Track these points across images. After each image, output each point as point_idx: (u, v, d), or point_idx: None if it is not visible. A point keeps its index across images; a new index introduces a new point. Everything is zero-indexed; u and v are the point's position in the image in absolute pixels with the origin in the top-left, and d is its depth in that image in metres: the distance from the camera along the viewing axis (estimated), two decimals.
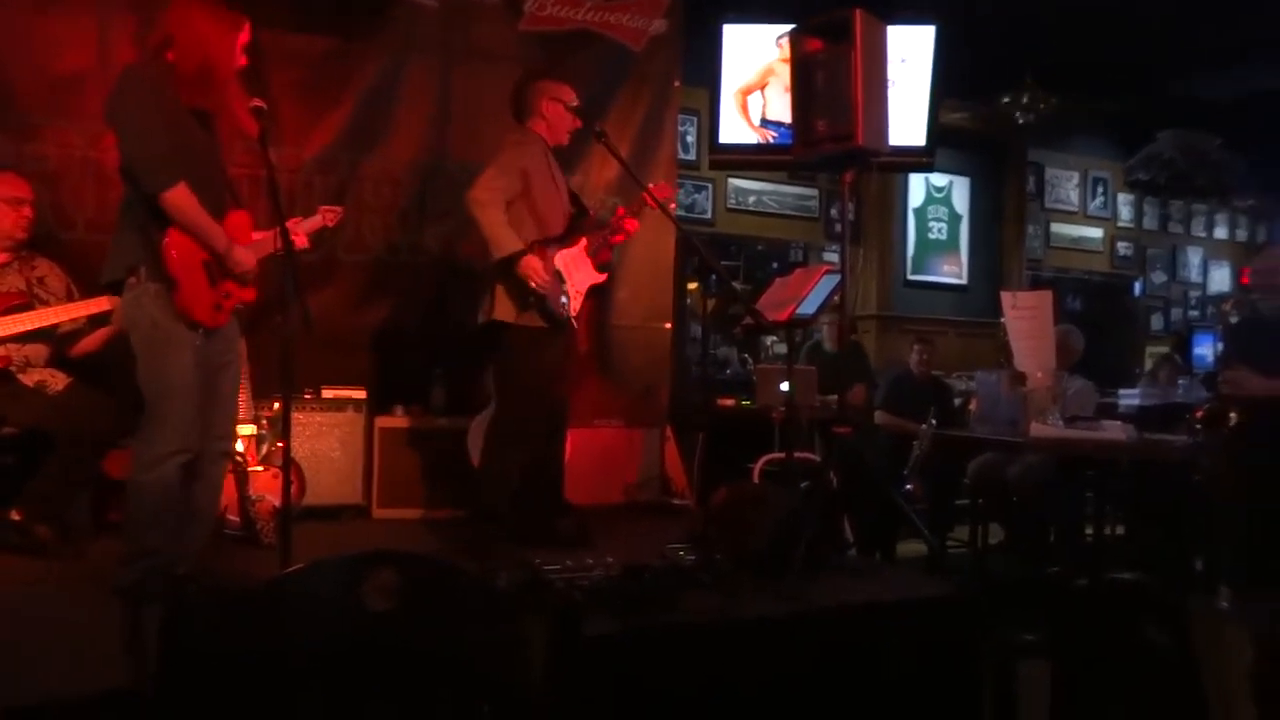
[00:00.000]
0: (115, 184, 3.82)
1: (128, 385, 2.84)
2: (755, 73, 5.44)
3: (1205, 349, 8.32)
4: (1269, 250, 3.79)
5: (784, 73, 5.30)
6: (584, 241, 3.71)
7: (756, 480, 4.64)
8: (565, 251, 3.63)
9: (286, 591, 1.40)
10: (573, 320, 3.65)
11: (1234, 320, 3.75)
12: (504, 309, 3.53)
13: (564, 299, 3.59)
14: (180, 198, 2.70)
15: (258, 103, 2.80)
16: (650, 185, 3.92)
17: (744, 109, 5.43)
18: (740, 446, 4.94)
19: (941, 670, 2.83)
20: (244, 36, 2.84)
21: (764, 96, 5.45)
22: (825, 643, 2.71)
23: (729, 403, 5.52)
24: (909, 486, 5.02)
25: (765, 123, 5.47)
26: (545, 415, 3.65)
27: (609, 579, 2.79)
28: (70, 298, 3.51)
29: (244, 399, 3.72)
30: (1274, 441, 3.32)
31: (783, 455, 4.45)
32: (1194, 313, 9.37)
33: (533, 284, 3.44)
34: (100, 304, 3.37)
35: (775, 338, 7.01)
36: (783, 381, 4.57)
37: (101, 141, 3.89)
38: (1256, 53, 6.99)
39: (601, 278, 3.79)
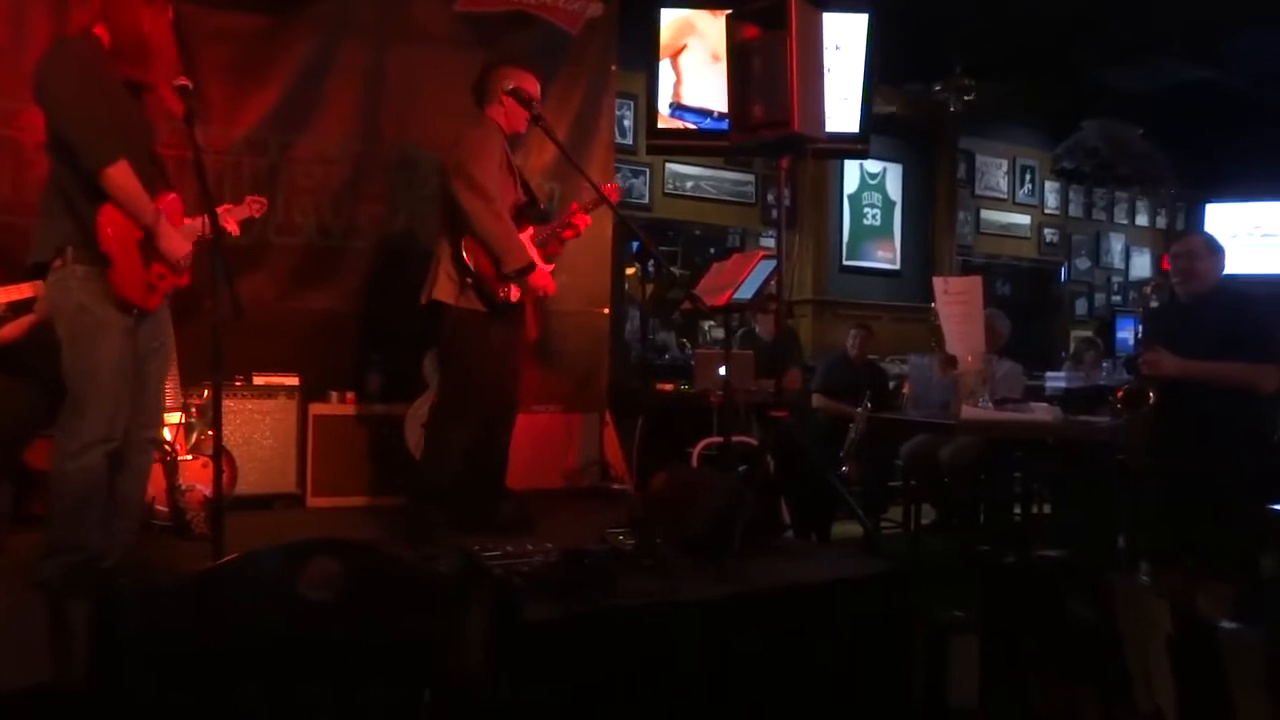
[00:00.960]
0: (33, 164, 3.73)
1: (48, 373, 2.75)
2: (669, 34, 5.33)
3: (1127, 333, 8.60)
4: (1186, 237, 3.92)
5: (709, 31, 5.24)
6: (531, 230, 3.67)
7: (695, 464, 4.68)
8: None
9: (221, 583, 1.38)
10: (510, 305, 3.61)
11: (1153, 304, 3.88)
12: (444, 290, 3.52)
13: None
14: (121, 174, 2.63)
15: (183, 81, 2.73)
16: (601, 184, 3.91)
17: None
18: (679, 430, 4.97)
19: (875, 647, 2.89)
20: (170, 15, 2.78)
21: (676, 70, 5.39)
22: (763, 623, 2.75)
23: (668, 387, 5.55)
24: (844, 469, 5.10)
25: (677, 108, 5.43)
26: (488, 398, 3.62)
27: (548, 564, 2.79)
28: None
29: (172, 386, 3.62)
30: (1188, 420, 3.44)
31: (721, 439, 4.49)
32: (1116, 298, 9.67)
33: (540, 292, 3.57)
34: (23, 290, 3.24)
35: (713, 322, 7.06)
36: (720, 366, 4.61)
37: (18, 119, 3.74)
38: (1174, 46, 7.21)
39: (548, 268, 3.74)
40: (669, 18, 5.37)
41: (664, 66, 5.36)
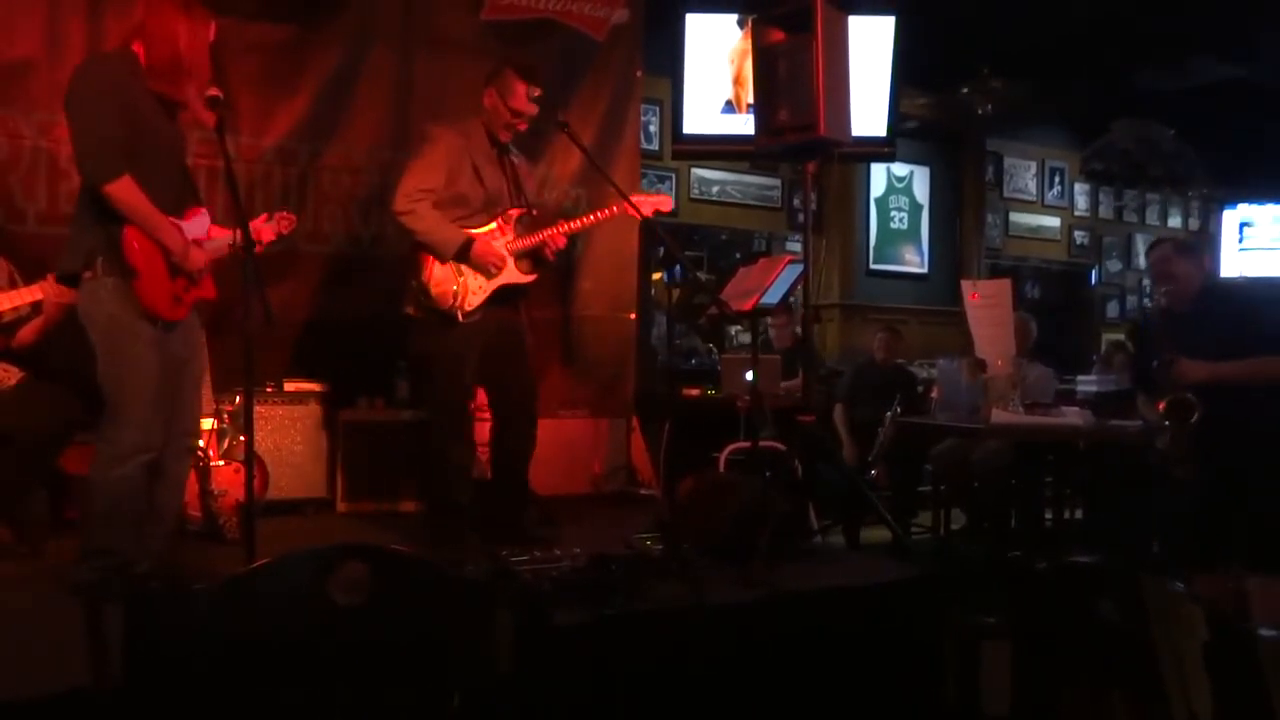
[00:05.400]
0: (68, 176, 3.79)
1: (77, 377, 2.79)
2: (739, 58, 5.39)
3: None
4: (1159, 243, 3.87)
5: None
6: (509, 235, 3.57)
7: (722, 469, 4.66)
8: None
9: (253, 586, 1.39)
10: (460, 314, 3.46)
11: (1151, 315, 3.84)
12: (407, 301, 3.53)
13: (454, 288, 3.46)
14: (123, 190, 2.65)
15: (214, 92, 2.77)
16: (627, 190, 3.84)
17: (738, 100, 5.39)
18: (706, 435, 4.96)
19: (905, 653, 2.87)
20: (211, 34, 2.82)
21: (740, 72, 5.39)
22: (790, 628, 2.74)
23: (694, 392, 5.54)
24: (873, 473, 5.07)
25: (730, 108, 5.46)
26: (460, 405, 3.53)
27: (576, 569, 2.80)
28: (13, 287, 3.43)
29: (205, 393, 3.66)
30: (1223, 422, 3.39)
31: (748, 444, 4.47)
32: (1149, 300, 9.55)
33: (492, 267, 3.45)
34: (33, 293, 3.29)
35: (739, 327, 7.04)
36: (747, 370, 4.59)
37: (53, 132, 3.81)
38: (1206, 46, 7.12)
39: (527, 279, 3.61)
40: (726, 53, 5.38)
41: (725, 68, 5.35)
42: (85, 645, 2.17)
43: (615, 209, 3.70)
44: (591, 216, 3.71)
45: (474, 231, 3.51)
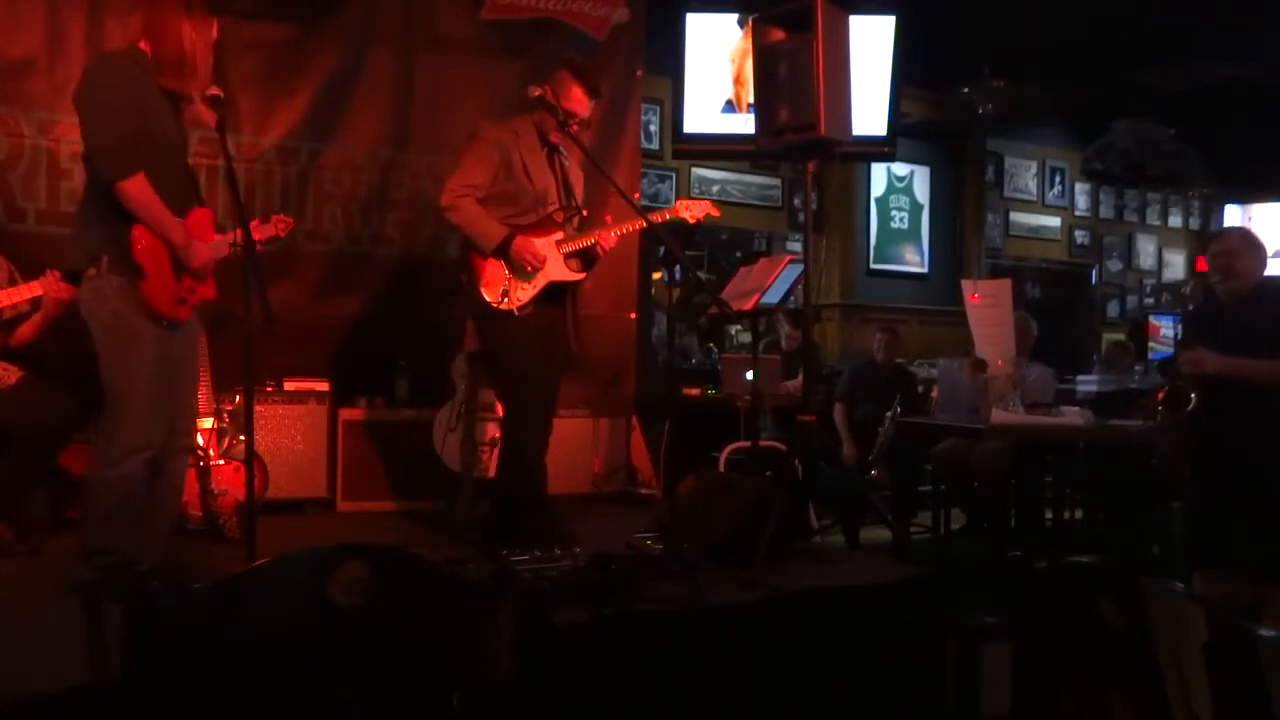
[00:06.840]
0: (68, 175, 3.80)
1: (78, 377, 2.79)
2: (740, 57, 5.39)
3: (1166, 329, 8.43)
4: (1223, 235, 3.82)
5: None
6: (559, 234, 3.55)
7: (722, 469, 4.66)
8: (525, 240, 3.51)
9: (253, 586, 1.39)
10: (516, 310, 3.44)
11: (1191, 306, 3.80)
12: (459, 299, 3.57)
13: (504, 287, 3.45)
14: (137, 187, 2.65)
15: (215, 91, 2.77)
16: (684, 202, 3.81)
17: (738, 99, 5.38)
18: (706, 435, 4.96)
19: (905, 653, 2.87)
20: (214, 33, 2.82)
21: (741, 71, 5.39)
22: (791, 628, 2.74)
23: (694, 392, 5.54)
24: (873, 473, 5.07)
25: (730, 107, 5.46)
26: (533, 392, 3.49)
27: (577, 569, 2.80)
28: (12, 286, 3.42)
29: (204, 392, 3.66)
30: (1232, 422, 3.38)
31: (748, 444, 4.48)
32: (1149, 300, 9.55)
33: (529, 265, 3.44)
34: (33, 289, 3.28)
35: (739, 327, 7.05)
36: (747, 370, 4.59)
37: (53, 131, 3.81)
38: (1206, 46, 7.12)
39: (576, 276, 3.59)
40: (728, 53, 5.38)
41: (726, 67, 5.35)
42: (85, 644, 2.17)
43: (667, 214, 3.70)
44: (642, 221, 3.67)
45: (523, 229, 3.49)
